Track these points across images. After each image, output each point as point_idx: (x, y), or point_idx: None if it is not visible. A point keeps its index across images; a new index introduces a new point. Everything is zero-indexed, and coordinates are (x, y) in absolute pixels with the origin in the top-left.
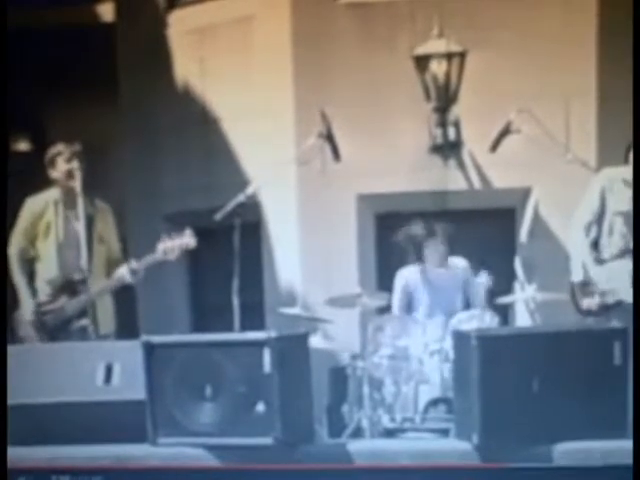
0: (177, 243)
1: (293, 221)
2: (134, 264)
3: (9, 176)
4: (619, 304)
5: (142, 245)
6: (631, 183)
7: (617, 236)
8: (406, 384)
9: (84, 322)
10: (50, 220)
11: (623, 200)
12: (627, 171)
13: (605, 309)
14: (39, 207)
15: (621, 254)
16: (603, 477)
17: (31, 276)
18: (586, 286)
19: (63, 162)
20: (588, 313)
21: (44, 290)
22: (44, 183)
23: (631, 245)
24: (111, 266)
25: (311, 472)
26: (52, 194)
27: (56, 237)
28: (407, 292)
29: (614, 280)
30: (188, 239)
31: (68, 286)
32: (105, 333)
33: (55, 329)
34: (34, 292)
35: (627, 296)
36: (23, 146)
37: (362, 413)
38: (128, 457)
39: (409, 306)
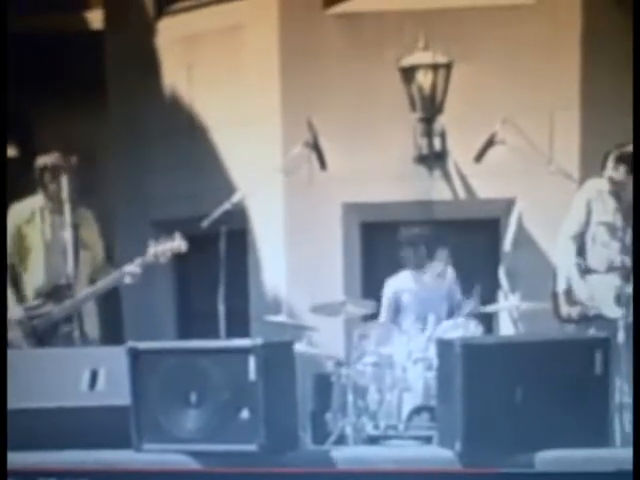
0: (168, 247)
1: (279, 229)
2: (128, 267)
3: None
4: (599, 317)
5: (129, 251)
6: (615, 193)
7: (599, 246)
8: (390, 392)
9: (71, 327)
10: (36, 227)
11: (607, 210)
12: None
13: (585, 319)
14: (25, 214)
15: (607, 270)
16: None
17: (17, 283)
18: (569, 295)
19: (50, 176)
20: (567, 320)
21: (32, 297)
22: (30, 190)
23: (617, 260)
24: (95, 272)
25: (295, 477)
26: (37, 200)
27: (43, 244)
28: (394, 301)
29: (598, 294)
30: (178, 242)
31: (55, 292)
32: (91, 338)
33: (43, 334)
34: (21, 298)
35: (608, 311)
36: (9, 152)
37: (346, 420)
38: (112, 463)
39: (395, 314)
